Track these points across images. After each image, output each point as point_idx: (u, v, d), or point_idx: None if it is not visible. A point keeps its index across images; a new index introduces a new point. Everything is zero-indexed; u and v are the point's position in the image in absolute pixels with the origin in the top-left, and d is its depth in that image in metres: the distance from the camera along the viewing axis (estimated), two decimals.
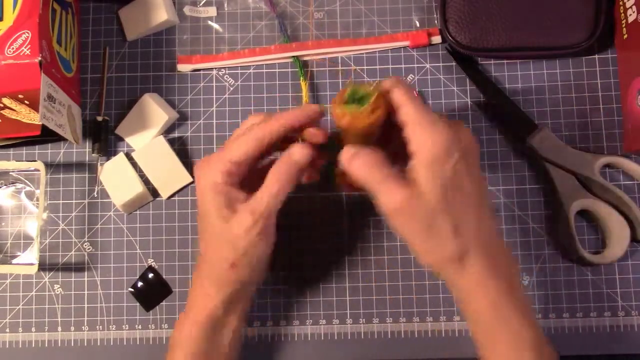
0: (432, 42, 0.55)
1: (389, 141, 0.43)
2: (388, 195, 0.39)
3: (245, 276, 0.43)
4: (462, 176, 0.38)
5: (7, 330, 0.53)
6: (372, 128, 0.40)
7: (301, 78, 0.54)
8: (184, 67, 0.56)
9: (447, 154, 0.38)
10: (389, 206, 0.39)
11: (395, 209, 0.39)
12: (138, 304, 0.53)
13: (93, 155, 0.55)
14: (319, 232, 0.54)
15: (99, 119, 0.55)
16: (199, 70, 0.56)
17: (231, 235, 0.41)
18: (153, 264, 0.54)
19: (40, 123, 0.47)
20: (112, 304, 0.54)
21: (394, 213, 0.39)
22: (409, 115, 0.39)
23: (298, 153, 0.42)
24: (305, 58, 0.55)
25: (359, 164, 0.40)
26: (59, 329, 0.53)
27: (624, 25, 0.52)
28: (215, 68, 0.56)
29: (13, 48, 0.46)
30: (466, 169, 0.39)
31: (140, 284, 0.53)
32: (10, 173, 0.55)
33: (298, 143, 0.42)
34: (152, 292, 0.53)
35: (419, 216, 0.38)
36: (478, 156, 0.41)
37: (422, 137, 0.38)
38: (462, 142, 0.39)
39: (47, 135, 0.50)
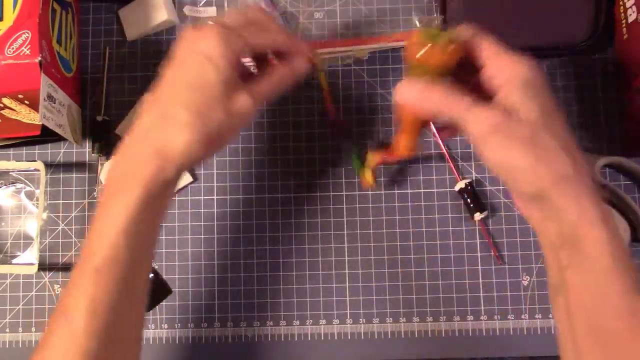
0: None
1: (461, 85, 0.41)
2: (481, 117, 0.36)
3: (213, 127, 0.38)
4: (552, 101, 0.37)
5: (7, 330, 0.53)
6: (448, 65, 0.39)
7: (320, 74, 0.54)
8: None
9: (537, 77, 0.36)
10: (483, 127, 0.36)
11: (491, 130, 0.35)
12: None
13: (93, 155, 0.55)
14: (319, 232, 0.54)
15: (99, 119, 0.55)
16: None
17: (222, 87, 0.38)
18: (153, 264, 0.54)
19: (40, 123, 0.47)
20: None
21: (490, 134, 0.35)
22: (492, 49, 0.38)
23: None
24: None
25: (438, 94, 0.38)
26: None
27: (624, 25, 0.52)
28: None
29: (13, 48, 0.46)
30: (551, 96, 0.37)
31: None
32: (10, 173, 0.55)
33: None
34: (152, 292, 0.53)
35: (519, 133, 0.35)
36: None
37: (511, 64, 0.37)
38: (541, 72, 0.38)
39: (47, 135, 0.50)
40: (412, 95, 0.39)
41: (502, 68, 0.37)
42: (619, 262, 0.34)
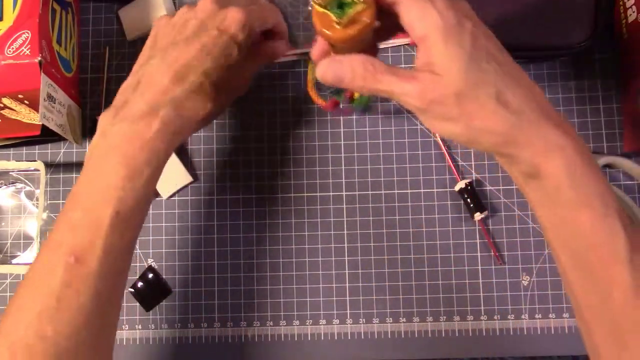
0: None
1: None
2: (412, 90, 0.33)
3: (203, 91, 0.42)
4: (484, 42, 0.34)
5: None
6: (361, 36, 0.34)
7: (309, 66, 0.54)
8: None
9: (458, 22, 0.33)
10: (413, 104, 0.34)
11: (420, 108, 0.34)
12: (138, 304, 0.53)
13: None
14: (319, 232, 0.54)
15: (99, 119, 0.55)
16: None
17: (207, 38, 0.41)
18: (153, 264, 0.54)
19: (40, 123, 0.47)
20: None
21: (421, 112, 0.34)
22: (403, 2, 0.34)
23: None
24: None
25: (360, 72, 0.35)
26: None
27: (624, 25, 0.52)
28: None
29: (13, 48, 0.46)
30: (484, 35, 0.34)
31: (140, 284, 0.53)
32: (10, 173, 0.55)
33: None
34: (152, 292, 0.53)
35: (449, 99, 0.33)
36: (487, 29, 0.36)
37: (424, 15, 0.33)
38: (464, 7, 0.35)
39: (47, 135, 0.50)
40: (334, 75, 0.36)
41: (418, 21, 0.33)
42: (582, 189, 0.33)
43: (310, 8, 0.39)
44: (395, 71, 0.34)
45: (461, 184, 0.52)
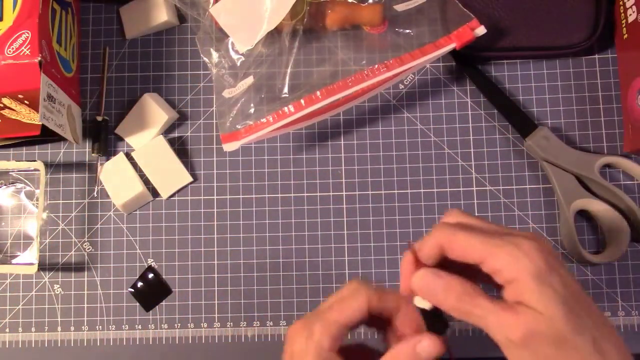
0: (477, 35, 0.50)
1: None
2: (505, 325, 0.33)
3: None
4: (573, 284, 0.34)
5: (7, 330, 0.53)
6: None
7: None
8: (230, 146, 0.50)
9: (548, 268, 0.33)
10: (510, 336, 0.33)
11: (520, 339, 0.33)
12: (138, 304, 0.53)
13: (93, 155, 0.55)
14: (319, 232, 0.54)
15: (99, 119, 0.55)
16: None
17: None
18: (153, 264, 0.54)
19: (40, 123, 0.47)
20: (111, 304, 0.54)
21: (520, 344, 0.33)
22: (481, 249, 0.34)
23: (427, 349, 0.34)
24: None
25: (456, 292, 0.34)
26: (59, 329, 0.53)
27: (624, 25, 0.52)
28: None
29: (13, 48, 0.46)
30: (571, 276, 0.34)
31: (140, 284, 0.53)
32: (10, 173, 0.55)
33: (433, 336, 0.35)
34: (152, 292, 0.53)
35: (550, 340, 0.32)
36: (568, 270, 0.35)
37: (514, 260, 0.33)
38: (548, 247, 0.34)
39: (47, 135, 0.50)
40: (428, 286, 0.35)
41: (508, 265, 0.33)
42: None
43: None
44: (493, 299, 0.34)
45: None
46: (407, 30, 0.53)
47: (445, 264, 0.35)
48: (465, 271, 0.35)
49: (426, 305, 0.35)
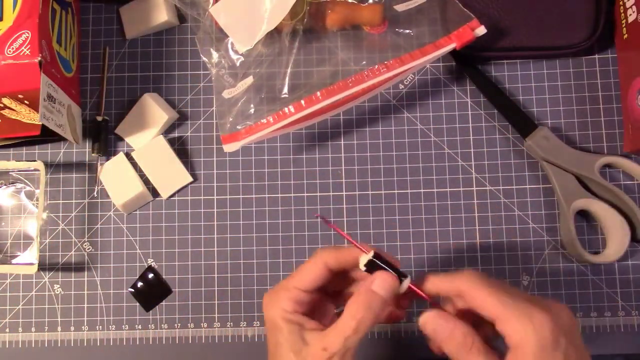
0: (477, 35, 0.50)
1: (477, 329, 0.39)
2: None
3: None
4: (576, 351, 0.35)
5: (7, 330, 0.53)
6: None
7: None
8: (231, 147, 0.50)
9: (553, 344, 0.34)
10: None
11: None
12: (138, 304, 0.53)
13: (93, 155, 0.55)
14: (319, 232, 0.54)
15: (99, 119, 0.55)
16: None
17: (291, 344, 0.37)
18: (153, 264, 0.54)
19: (40, 123, 0.47)
20: (111, 304, 0.54)
21: None
22: (495, 310, 0.35)
23: (381, 284, 0.37)
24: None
25: (454, 342, 0.36)
26: (59, 329, 0.53)
27: (624, 25, 0.52)
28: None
29: (13, 48, 0.46)
30: (575, 353, 0.35)
31: (140, 284, 0.53)
32: (10, 173, 0.55)
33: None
34: (152, 292, 0.53)
35: None
36: (579, 332, 0.37)
37: (521, 327, 0.34)
38: (564, 323, 0.35)
39: (47, 135, 0.50)
40: (433, 327, 0.37)
41: (515, 333, 0.34)
42: None
43: None
44: (492, 357, 0.36)
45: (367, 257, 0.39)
46: (407, 31, 0.53)
47: None
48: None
49: (366, 259, 0.38)
